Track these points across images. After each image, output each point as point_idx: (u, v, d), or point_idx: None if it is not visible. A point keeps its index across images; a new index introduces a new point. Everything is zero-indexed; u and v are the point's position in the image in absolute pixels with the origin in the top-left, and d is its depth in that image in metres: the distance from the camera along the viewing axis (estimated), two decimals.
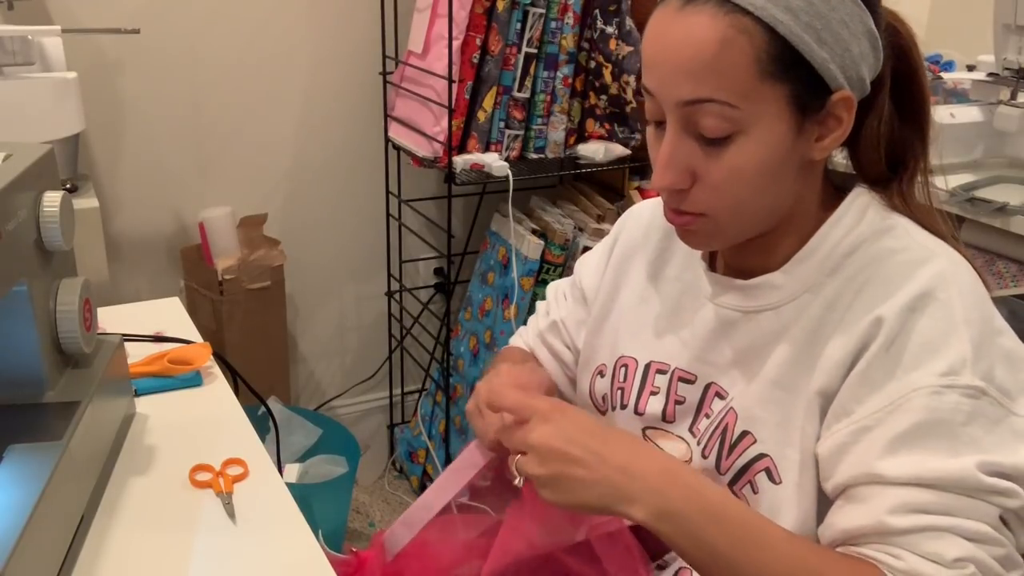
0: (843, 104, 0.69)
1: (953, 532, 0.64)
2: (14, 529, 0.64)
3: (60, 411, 0.79)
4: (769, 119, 0.67)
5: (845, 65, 0.68)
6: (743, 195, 0.70)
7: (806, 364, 0.72)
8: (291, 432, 1.96)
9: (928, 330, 0.67)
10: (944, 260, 0.71)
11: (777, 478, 0.73)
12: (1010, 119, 1.88)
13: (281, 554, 0.78)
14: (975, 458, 0.65)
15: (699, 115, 0.68)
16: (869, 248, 0.72)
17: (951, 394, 0.65)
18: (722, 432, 0.77)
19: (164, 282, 2.05)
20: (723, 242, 0.77)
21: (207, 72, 1.97)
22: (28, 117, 1.49)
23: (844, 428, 0.69)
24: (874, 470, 0.66)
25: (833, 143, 0.71)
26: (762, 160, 0.68)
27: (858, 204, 0.75)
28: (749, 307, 0.77)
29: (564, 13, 1.84)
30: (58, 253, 0.82)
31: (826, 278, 0.73)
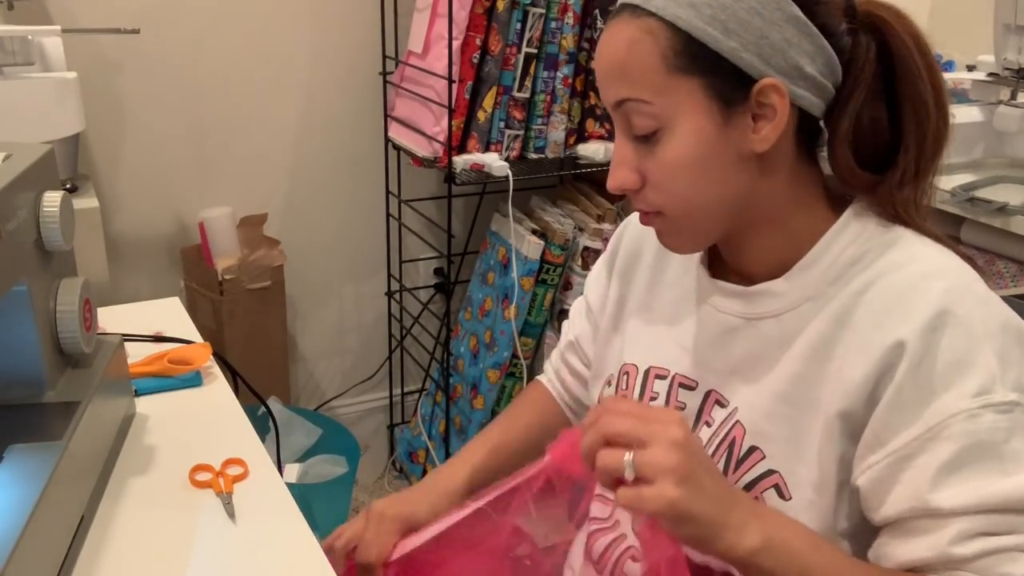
0: (772, 91, 0.68)
1: (1017, 550, 0.64)
2: (14, 529, 0.64)
3: (60, 411, 0.79)
4: (688, 112, 0.69)
5: (764, 53, 0.67)
6: (683, 190, 0.71)
7: (816, 380, 0.71)
8: (291, 432, 1.96)
9: (952, 349, 0.66)
10: (954, 272, 0.70)
11: (787, 495, 0.72)
12: (1010, 119, 1.88)
13: (281, 554, 0.78)
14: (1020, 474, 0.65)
15: (629, 115, 0.70)
16: (874, 260, 0.71)
17: (987, 414, 0.65)
18: (729, 446, 0.76)
19: (164, 282, 2.05)
20: (693, 239, 0.77)
21: (207, 72, 1.97)
22: (28, 117, 1.49)
23: (883, 460, 0.68)
24: (929, 504, 0.66)
25: (772, 133, 0.69)
26: (690, 153, 0.69)
27: (862, 213, 0.74)
28: (750, 314, 0.76)
29: (564, 13, 1.84)
30: (58, 253, 0.82)
31: (829, 288, 0.72)
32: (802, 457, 0.72)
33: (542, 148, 1.94)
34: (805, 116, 0.72)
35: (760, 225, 0.75)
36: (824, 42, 0.70)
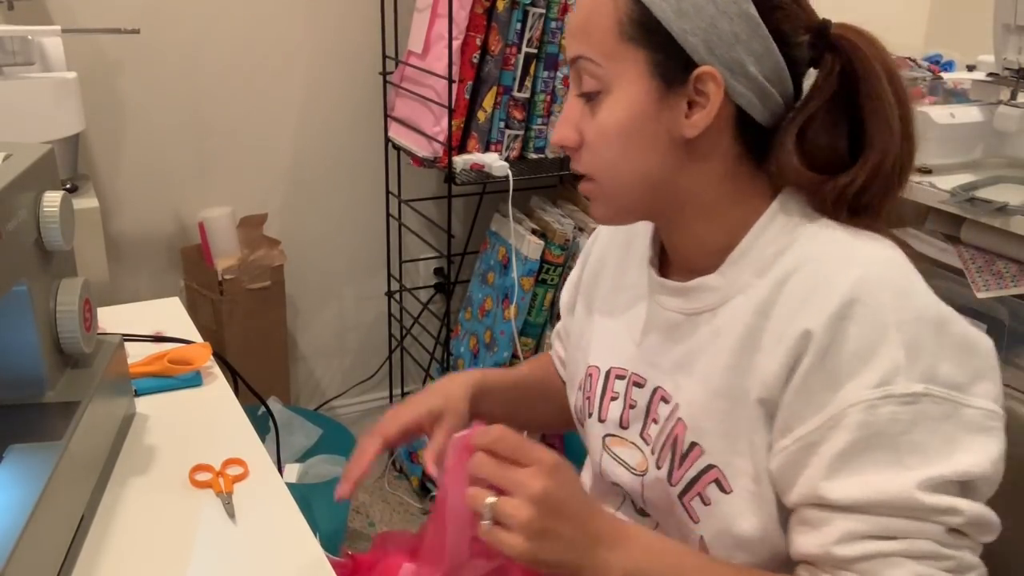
0: (708, 79, 0.69)
1: (902, 555, 0.65)
2: (14, 529, 0.64)
3: (60, 411, 0.79)
4: (629, 80, 0.71)
5: (711, 41, 0.69)
6: (611, 156, 0.73)
7: (744, 372, 0.72)
8: (291, 432, 1.96)
9: (858, 338, 0.66)
10: (873, 260, 0.69)
11: (727, 488, 0.73)
12: (1010, 119, 1.88)
13: (281, 554, 0.78)
14: (918, 474, 0.64)
15: (580, 72, 0.73)
16: (796, 251, 0.71)
17: (887, 405, 0.65)
18: (673, 443, 0.77)
19: (164, 282, 2.05)
20: (616, 211, 0.78)
21: (207, 72, 1.97)
22: (28, 117, 1.49)
23: (791, 446, 0.69)
24: (819, 491, 0.67)
25: (702, 120, 0.70)
26: (622, 120, 0.71)
27: (788, 204, 0.74)
28: (689, 309, 0.77)
29: (564, 13, 1.84)
30: (58, 253, 0.82)
31: (756, 280, 0.72)
32: (738, 449, 0.72)
33: (542, 148, 1.94)
34: (747, 117, 0.72)
35: (690, 213, 0.76)
36: (774, 47, 0.70)
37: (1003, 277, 1.83)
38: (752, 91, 0.71)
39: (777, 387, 0.69)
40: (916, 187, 1.94)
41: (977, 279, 1.84)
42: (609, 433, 0.85)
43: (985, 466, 0.66)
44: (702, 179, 0.74)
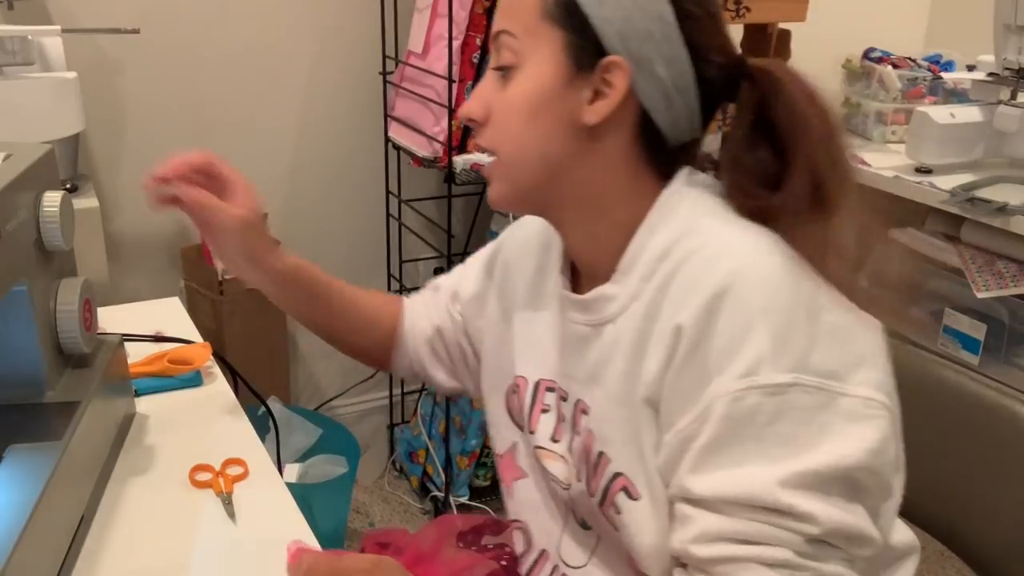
0: (615, 69, 0.71)
1: (755, 561, 0.63)
2: (14, 529, 0.64)
3: (60, 411, 0.79)
4: (542, 58, 0.72)
5: (625, 34, 0.70)
6: (513, 130, 0.74)
7: (635, 376, 0.72)
8: (291, 432, 1.96)
9: (726, 330, 0.65)
10: (745, 251, 0.68)
11: (635, 494, 0.73)
12: (1010, 119, 1.88)
13: (281, 554, 0.78)
14: (783, 468, 0.63)
15: (500, 47, 0.75)
16: (679, 252, 0.71)
17: (751, 396, 0.63)
18: (586, 454, 0.77)
19: (164, 282, 2.05)
20: (513, 192, 0.78)
21: (207, 72, 1.97)
22: (28, 117, 1.49)
23: (671, 441, 0.68)
24: (684, 485, 0.67)
25: (605, 108, 0.71)
26: (529, 94, 0.73)
27: (668, 205, 0.74)
28: (593, 320, 0.77)
29: None
30: (58, 253, 0.82)
31: (645, 285, 0.72)
32: (640, 455, 0.72)
33: None
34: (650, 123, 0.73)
35: (584, 209, 0.77)
36: (684, 55, 0.72)
37: (1003, 277, 1.83)
38: (657, 92, 0.72)
39: (657, 385, 0.70)
40: (916, 187, 1.94)
41: (977, 279, 1.84)
42: (539, 446, 0.84)
43: (859, 456, 0.63)
44: (598, 171, 0.75)
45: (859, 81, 2.37)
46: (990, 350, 1.86)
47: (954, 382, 0.96)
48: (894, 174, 2.01)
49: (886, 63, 2.31)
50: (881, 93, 2.30)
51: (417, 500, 2.20)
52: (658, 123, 0.73)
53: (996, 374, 1.74)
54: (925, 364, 0.99)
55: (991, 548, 0.93)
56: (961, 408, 0.95)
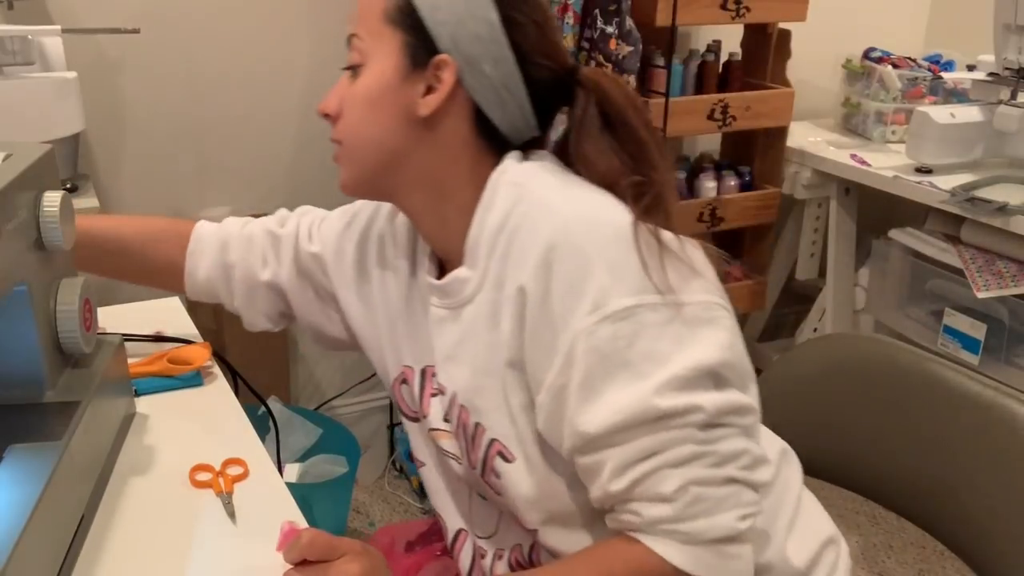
0: (444, 66, 0.78)
1: (663, 468, 0.69)
2: (14, 529, 0.64)
3: (60, 411, 0.79)
4: (383, 56, 0.80)
5: (456, 36, 0.78)
6: (356, 121, 0.82)
7: (496, 346, 0.78)
8: (291, 432, 1.96)
9: (565, 277, 0.71)
10: (564, 204, 0.75)
11: (510, 456, 0.79)
12: (1010, 119, 1.88)
13: (281, 554, 0.78)
14: (654, 381, 0.69)
15: (352, 49, 0.83)
16: (510, 221, 0.77)
17: (604, 327, 0.69)
18: (464, 428, 0.83)
19: None
20: (356, 177, 0.85)
21: (207, 72, 1.97)
22: (28, 117, 1.49)
23: (545, 399, 0.74)
24: (577, 429, 0.71)
25: (434, 101, 0.78)
26: (370, 88, 0.81)
27: (499, 182, 0.80)
28: (451, 304, 0.82)
29: (564, 13, 1.84)
30: (58, 253, 0.82)
31: (490, 260, 0.78)
32: (509, 419, 0.79)
33: None
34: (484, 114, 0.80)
35: (427, 193, 0.83)
36: (510, 56, 0.79)
37: (1003, 277, 1.83)
38: (486, 88, 0.79)
39: (516, 347, 0.76)
40: (916, 187, 1.95)
41: (977, 279, 1.84)
42: (433, 428, 0.89)
43: (718, 354, 0.71)
44: (434, 158, 0.81)
45: (859, 81, 2.37)
46: (990, 350, 1.86)
47: (954, 382, 0.96)
48: (894, 174, 2.01)
49: (886, 63, 2.31)
50: (881, 93, 2.30)
51: (417, 500, 2.20)
52: (491, 117, 0.80)
53: (996, 374, 1.74)
54: (925, 364, 0.99)
55: (991, 548, 0.93)
56: (961, 408, 0.95)
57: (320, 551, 0.71)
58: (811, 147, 2.24)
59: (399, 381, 0.93)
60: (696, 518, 0.69)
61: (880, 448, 1.01)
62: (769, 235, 2.35)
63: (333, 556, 0.71)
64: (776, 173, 2.26)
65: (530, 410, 0.77)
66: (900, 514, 1.03)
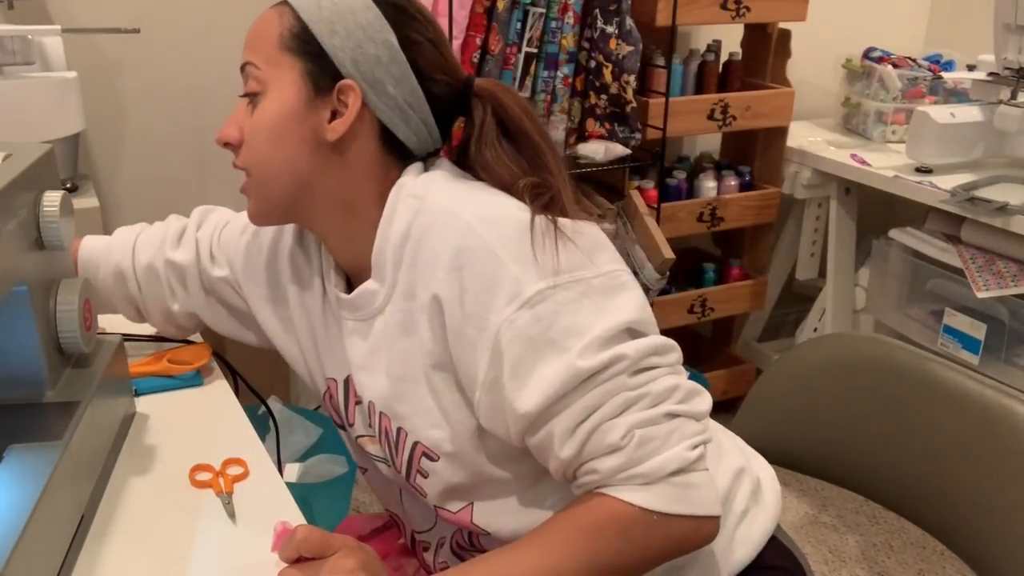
0: (349, 91, 0.79)
1: (605, 421, 0.72)
2: (14, 529, 0.64)
3: (60, 411, 0.79)
4: (284, 84, 0.80)
5: (357, 60, 0.79)
6: (261, 149, 0.82)
7: (410, 352, 0.80)
8: (291, 432, 1.96)
9: (477, 277, 0.73)
10: (465, 210, 0.76)
11: (434, 456, 0.82)
12: (1010, 119, 1.88)
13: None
14: (575, 348, 0.71)
15: (247, 77, 0.83)
16: (413, 231, 0.79)
17: (523, 313, 0.72)
18: (387, 434, 0.85)
19: None
20: (266, 207, 0.85)
21: (207, 72, 1.97)
22: (28, 117, 1.49)
23: (481, 396, 0.76)
24: (518, 412, 0.73)
25: (341, 127, 0.79)
26: (273, 116, 0.81)
27: (399, 196, 0.81)
28: (361, 315, 0.84)
29: (564, 13, 1.84)
30: (58, 253, 0.82)
31: (398, 271, 0.80)
32: (431, 422, 0.81)
33: None
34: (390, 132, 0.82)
35: (337, 214, 0.84)
36: (411, 75, 0.81)
37: (1003, 277, 1.83)
38: (391, 108, 0.81)
39: (438, 351, 0.78)
40: (916, 187, 1.95)
41: (977, 279, 1.84)
42: (359, 435, 0.91)
43: (634, 313, 0.74)
44: (344, 180, 0.82)
45: (859, 81, 2.37)
46: (990, 350, 1.86)
47: (954, 382, 0.96)
48: (894, 174, 2.01)
49: (886, 63, 2.31)
50: (881, 93, 2.30)
51: None
52: (398, 135, 0.82)
53: (996, 374, 1.74)
54: (925, 364, 0.99)
55: (991, 548, 0.93)
56: (961, 408, 0.95)
57: (314, 547, 0.72)
58: (811, 147, 2.24)
59: (326, 396, 0.94)
60: (648, 458, 0.71)
61: (880, 448, 1.01)
62: (769, 235, 2.35)
63: (327, 552, 0.72)
64: (776, 173, 2.26)
65: (463, 407, 0.79)
66: (900, 514, 1.03)
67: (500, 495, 0.83)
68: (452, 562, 0.91)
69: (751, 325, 2.58)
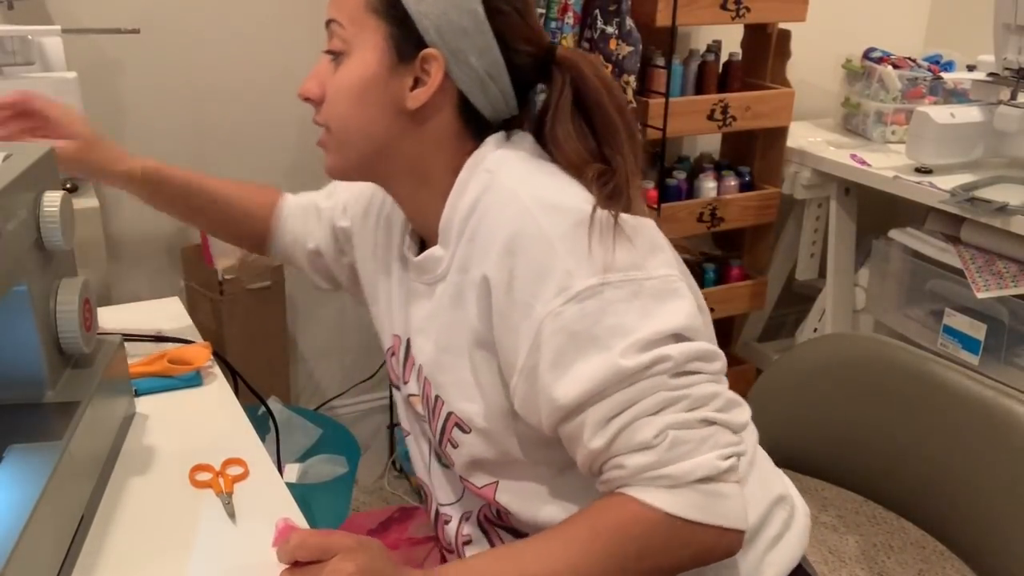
0: (432, 60, 0.79)
1: (640, 417, 0.71)
2: (14, 529, 0.64)
3: (60, 411, 0.79)
4: (368, 47, 0.80)
5: (442, 28, 0.79)
6: (342, 110, 0.82)
7: (456, 326, 0.81)
8: (291, 432, 1.96)
9: (529, 264, 0.73)
10: (527, 195, 0.76)
11: (466, 428, 0.83)
12: (1010, 119, 1.88)
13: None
14: (619, 346, 0.71)
15: (331, 34, 0.83)
16: (479, 206, 0.79)
17: (571, 307, 0.71)
18: (427, 399, 0.87)
19: (164, 282, 2.05)
20: (342, 163, 0.87)
21: (207, 72, 1.97)
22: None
23: (519, 382, 0.76)
24: (554, 402, 0.73)
25: (423, 95, 0.80)
26: (355, 79, 0.81)
27: (473, 167, 0.82)
28: (427, 279, 0.85)
29: (564, 13, 1.84)
30: (58, 253, 0.82)
31: (459, 243, 0.81)
32: (466, 395, 0.82)
33: None
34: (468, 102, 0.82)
35: (411, 179, 0.85)
36: (495, 45, 0.80)
37: (1003, 277, 1.83)
38: (472, 78, 0.81)
39: (485, 331, 0.78)
40: (916, 187, 1.95)
41: (977, 279, 1.84)
42: (412, 393, 0.92)
43: (682, 320, 0.73)
44: (423, 147, 0.83)
45: (859, 81, 2.37)
46: (990, 350, 1.86)
47: (954, 382, 0.96)
48: (894, 174, 2.01)
49: (886, 63, 2.31)
50: (881, 93, 2.30)
51: (417, 500, 2.20)
52: (476, 104, 0.82)
53: (996, 374, 1.74)
54: (925, 364, 0.99)
55: (991, 548, 0.93)
56: (961, 408, 0.95)
57: (311, 553, 0.70)
58: (811, 147, 2.24)
59: (390, 352, 0.96)
60: (678, 460, 0.70)
61: (880, 448, 1.01)
62: (769, 235, 2.35)
63: (326, 556, 0.70)
64: (776, 173, 2.26)
65: (499, 388, 0.79)
66: (900, 514, 1.03)
67: (525, 478, 0.83)
68: (476, 534, 0.91)
69: (751, 325, 2.58)
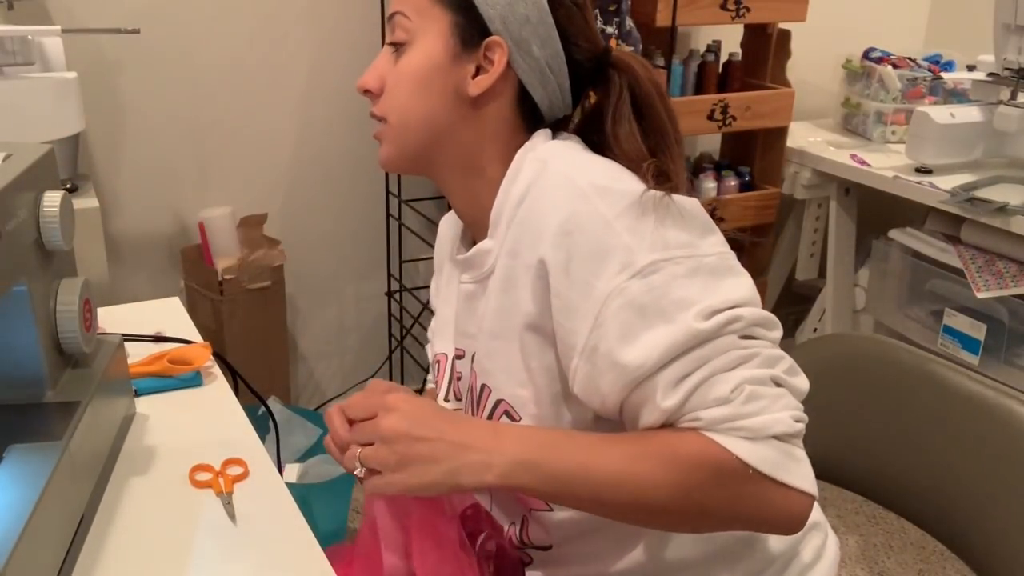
0: (496, 48, 0.80)
1: (715, 374, 0.71)
2: (14, 529, 0.64)
3: (60, 411, 0.79)
4: (432, 36, 0.81)
5: (507, 18, 0.80)
6: (403, 97, 0.83)
7: (507, 310, 0.81)
8: (291, 432, 1.96)
9: (588, 244, 0.73)
10: (581, 178, 0.76)
11: (516, 416, 0.83)
12: (1010, 119, 1.88)
13: (281, 554, 0.78)
14: (690, 313, 0.71)
15: (395, 26, 0.84)
16: (529, 193, 0.79)
17: (636, 282, 0.71)
18: (471, 392, 0.87)
19: (164, 282, 2.05)
20: (399, 153, 0.86)
21: (207, 72, 1.97)
22: (28, 117, 1.49)
23: (578, 361, 0.75)
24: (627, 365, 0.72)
25: (485, 82, 0.81)
26: (419, 67, 0.82)
27: (525, 158, 0.82)
28: (478, 276, 0.85)
29: None
30: (58, 253, 0.82)
31: (508, 230, 0.81)
32: (517, 380, 0.82)
33: None
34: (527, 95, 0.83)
35: (464, 169, 0.85)
36: (556, 37, 0.82)
37: (1003, 277, 1.83)
38: (533, 69, 0.82)
39: (536, 313, 0.78)
40: (916, 187, 1.95)
41: (977, 279, 1.84)
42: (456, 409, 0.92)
43: (745, 293, 0.74)
44: (478, 136, 0.84)
45: (859, 81, 2.37)
46: (990, 350, 1.86)
47: (954, 382, 0.96)
48: (894, 174, 2.01)
49: (886, 63, 2.31)
50: (881, 93, 2.30)
51: None
52: (534, 96, 0.83)
53: (996, 374, 1.74)
54: (925, 364, 0.99)
55: (991, 548, 0.93)
56: (961, 408, 0.95)
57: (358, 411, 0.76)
58: (811, 147, 2.24)
59: (435, 364, 0.97)
60: (757, 414, 0.70)
61: (880, 448, 1.01)
62: (769, 235, 2.35)
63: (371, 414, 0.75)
64: (776, 173, 2.26)
65: (550, 372, 0.79)
66: (900, 514, 1.03)
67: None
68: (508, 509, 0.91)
69: None
